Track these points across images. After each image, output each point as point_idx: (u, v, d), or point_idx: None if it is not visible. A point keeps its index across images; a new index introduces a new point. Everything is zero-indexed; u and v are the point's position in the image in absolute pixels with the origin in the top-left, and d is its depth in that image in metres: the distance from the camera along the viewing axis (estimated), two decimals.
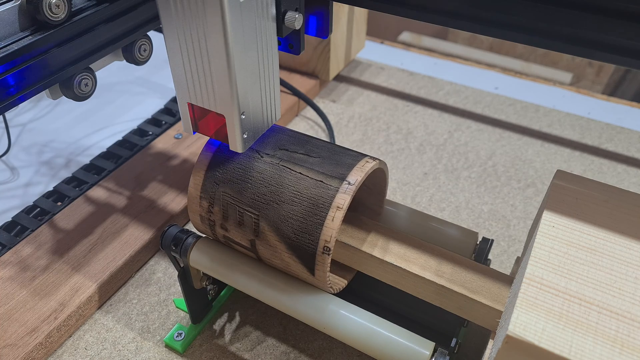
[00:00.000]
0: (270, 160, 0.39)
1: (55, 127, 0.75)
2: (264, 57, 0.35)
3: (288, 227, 0.37)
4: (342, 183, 0.36)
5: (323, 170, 0.37)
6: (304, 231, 0.37)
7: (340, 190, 0.36)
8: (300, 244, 0.37)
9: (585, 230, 0.32)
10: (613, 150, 0.71)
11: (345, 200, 0.36)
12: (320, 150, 0.39)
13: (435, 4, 0.35)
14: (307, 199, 0.37)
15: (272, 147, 0.40)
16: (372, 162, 0.38)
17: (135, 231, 0.56)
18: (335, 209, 0.36)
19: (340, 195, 0.36)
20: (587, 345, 0.26)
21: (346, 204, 0.36)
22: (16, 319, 0.48)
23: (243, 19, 0.32)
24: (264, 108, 0.38)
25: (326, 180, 0.37)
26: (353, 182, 0.36)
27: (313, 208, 0.36)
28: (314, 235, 0.36)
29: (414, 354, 0.37)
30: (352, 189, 0.36)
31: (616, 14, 0.30)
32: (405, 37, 1.58)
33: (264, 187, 0.38)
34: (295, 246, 0.38)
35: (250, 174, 0.38)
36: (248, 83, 0.35)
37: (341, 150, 0.40)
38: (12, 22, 0.38)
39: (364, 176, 0.37)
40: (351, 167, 0.37)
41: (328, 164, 0.38)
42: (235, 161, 0.39)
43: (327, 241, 0.36)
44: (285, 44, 0.40)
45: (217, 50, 0.32)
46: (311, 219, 0.36)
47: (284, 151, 0.39)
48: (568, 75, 1.43)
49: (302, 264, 0.38)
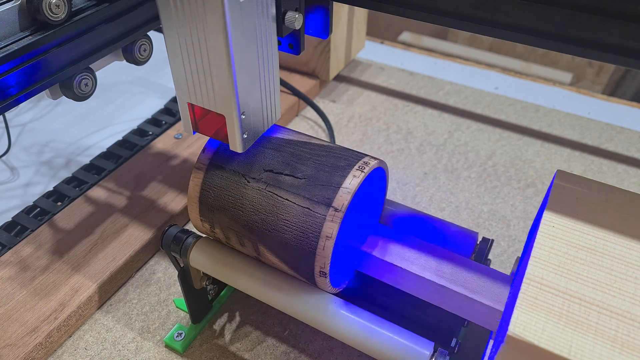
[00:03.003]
0: (257, 186, 0.38)
1: (55, 127, 0.75)
2: (264, 57, 0.35)
3: (285, 252, 0.38)
4: (329, 210, 0.36)
5: (309, 196, 0.37)
6: (300, 257, 0.37)
7: (328, 218, 0.36)
8: (299, 266, 0.38)
9: (585, 230, 0.32)
10: (613, 150, 0.71)
11: (333, 229, 0.35)
12: (307, 167, 0.38)
13: (435, 4, 0.35)
14: (297, 229, 0.37)
15: (257, 168, 0.38)
16: (360, 174, 0.37)
17: (135, 231, 0.56)
18: (325, 239, 0.36)
19: (328, 225, 0.36)
20: (587, 345, 0.26)
21: (334, 233, 0.35)
22: (16, 319, 0.48)
23: (243, 19, 0.32)
24: (264, 108, 0.38)
25: (312, 207, 0.36)
26: (339, 207, 0.36)
27: (304, 238, 0.36)
28: (309, 262, 0.37)
29: (414, 354, 0.37)
30: (340, 216, 0.36)
31: (616, 14, 0.30)
32: (405, 37, 1.58)
33: (255, 215, 0.38)
34: (295, 267, 0.38)
35: (240, 201, 0.38)
36: (248, 83, 0.35)
37: (330, 162, 0.38)
38: (12, 22, 0.38)
39: (350, 198, 0.36)
40: (337, 188, 0.36)
41: (313, 186, 0.37)
42: (224, 188, 0.39)
43: (322, 267, 0.37)
44: (285, 44, 0.40)
45: (217, 50, 0.32)
46: (303, 247, 0.37)
47: (269, 173, 0.38)
48: (568, 75, 1.43)
49: (304, 278, 0.39)
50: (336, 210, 0.36)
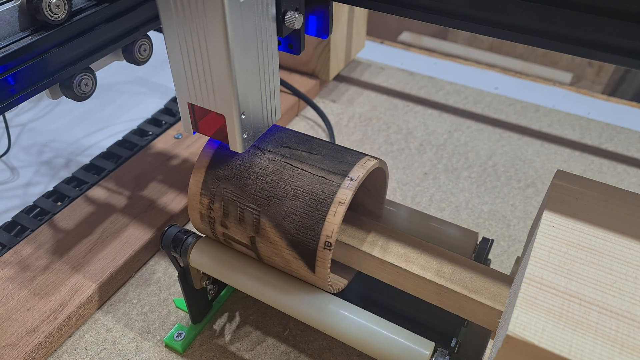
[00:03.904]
0: (272, 157, 0.39)
1: (55, 127, 0.75)
2: (264, 57, 0.35)
3: (289, 223, 0.37)
4: (344, 179, 0.37)
5: (325, 167, 0.38)
6: (305, 227, 0.37)
7: (342, 185, 0.36)
8: (302, 240, 0.37)
9: (585, 230, 0.32)
10: (613, 150, 0.71)
11: (347, 195, 0.36)
12: (322, 148, 0.40)
13: (435, 4, 0.35)
14: (309, 195, 0.37)
15: (274, 144, 0.40)
16: (374, 160, 0.39)
17: (135, 231, 0.56)
18: (337, 204, 0.36)
19: (342, 191, 0.36)
20: (587, 345, 0.26)
21: (348, 199, 0.36)
22: (16, 319, 0.48)
23: (243, 19, 0.32)
24: (264, 108, 0.38)
25: (328, 176, 0.37)
26: (355, 178, 0.37)
27: (315, 203, 0.37)
28: (316, 231, 0.36)
29: (414, 354, 0.37)
30: (354, 185, 0.36)
31: (616, 14, 0.30)
32: (405, 37, 1.58)
33: (266, 182, 0.38)
34: (296, 242, 0.38)
35: (252, 170, 0.39)
36: (248, 83, 0.35)
37: (342, 149, 0.40)
38: (12, 22, 0.38)
39: (366, 173, 0.37)
40: (353, 164, 0.38)
41: (330, 161, 0.38)
42: (237, 158, 0.39)
43: (329, 236, 0.36)
44: (285, 44, 0.40)
45: (217, 50, 0.32)
46: (313, 214, 0.37)
47: (286, 148, 0.39)
48: (568, 75, 1.43)
49: (302, 260, 0.38)
50: (351, 180, 0.37)
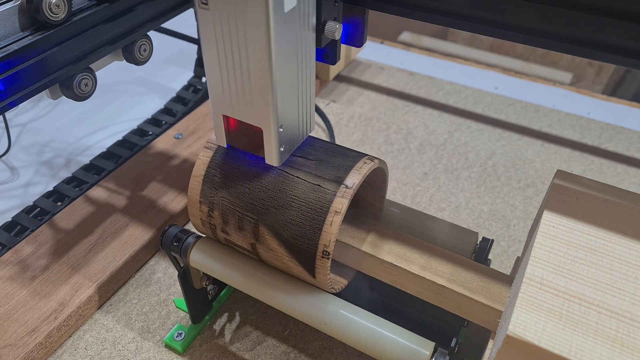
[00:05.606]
0: (268, 164, 0.38)
1: (55, 127, 0.75)
2: (302, 68, 0.34)
3: (287, 232, 0.37)
4: (340, 187, 0.36)
5: (320, 174, 0.37)
6: (303, 236, 0.37)
7: (338, 194, 0.36)
8: (300, 249, 0.37)
9: (585, 230, 0.32)
10: (613, 150, 0.71)
11: (343, 204, 0.36)
12: (318, 152, 0.39)
13: (435, 4, 0.35)
14: (305, 204, 0.36)
15: None
16: (370, 163, 0.38)
17: (135, 231, 0.56)
18: (334, 214, 0.36)
19: (338, 200, 0.36)
20: (587, 345, 0.26)
21: (344, 208, 0.36)
22: (16, 319, 0.48)
23: (286, 29, 0.31)
24: (300, 120, 0.37)
25: (323, 184, 0.37)
26: (350, 185, 0.36)
27: (311, 213, 0.36)
28: (313, 240, 0.36)
29: (414, 354, 0.37)
30: (350, 193, 0.36)
31: (616, 14, 0.30)
32: (405, 37, 1.58)
33: (262, 192, 0.38)
34: (295, 250, 0.38)
35: (248, 178, 0.38)
36: (287, 95, 0.34)
37: (339, 151, 0.39)
38: (12, 22, 0.38)
39: (362, 178, 0.37)
40: (349, 170, 0.37)
41: (325, 167, 0.38)
42: (233, 166, 0.39)
43: (326, 245, 0.36)
44: (321, 54, 0.39)
45: (259, 61, 0.31)
46: (309, 223, 0.36)
47: None
48: (568, 75, 1.43)
49: (302, 266, 0.38)
50: (347, 187, 0.36)
